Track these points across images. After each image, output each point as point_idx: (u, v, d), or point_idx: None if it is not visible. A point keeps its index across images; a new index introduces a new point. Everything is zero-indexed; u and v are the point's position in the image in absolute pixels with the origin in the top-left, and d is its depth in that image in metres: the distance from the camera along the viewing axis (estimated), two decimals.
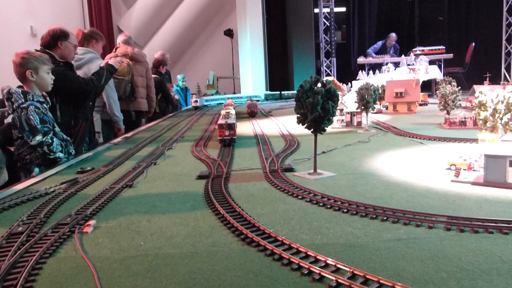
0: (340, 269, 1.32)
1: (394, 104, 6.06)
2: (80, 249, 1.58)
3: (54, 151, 3.39)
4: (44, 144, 3.32)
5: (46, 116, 3.42)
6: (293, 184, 2.38)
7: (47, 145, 3.33)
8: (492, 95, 2.62)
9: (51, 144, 3.36)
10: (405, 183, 2.35)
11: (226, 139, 3.75)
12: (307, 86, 2.40)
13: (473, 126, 4.08)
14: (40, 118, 3.33)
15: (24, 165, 3.37)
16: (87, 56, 5.07)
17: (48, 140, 3.34)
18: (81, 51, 4.96)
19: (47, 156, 3.37)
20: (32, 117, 3.29)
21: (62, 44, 4.28)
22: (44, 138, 3.32)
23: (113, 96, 5.38)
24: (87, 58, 5.06)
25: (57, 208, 2.14)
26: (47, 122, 3.39)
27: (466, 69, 13.05)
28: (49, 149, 3.35)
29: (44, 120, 3.37)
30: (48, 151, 3.35)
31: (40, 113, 3.36)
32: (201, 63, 15.22)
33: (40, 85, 3.55)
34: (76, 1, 14.10)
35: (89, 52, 5.13)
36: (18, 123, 3.28)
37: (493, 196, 2.03)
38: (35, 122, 3.29)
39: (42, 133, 3.32)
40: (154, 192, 2.40)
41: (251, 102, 6.82)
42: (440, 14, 14.91)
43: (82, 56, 5.02)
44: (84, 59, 5.03)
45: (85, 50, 5.09)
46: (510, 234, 1.57)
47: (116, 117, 5.45)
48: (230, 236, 1.67)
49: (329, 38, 14.07)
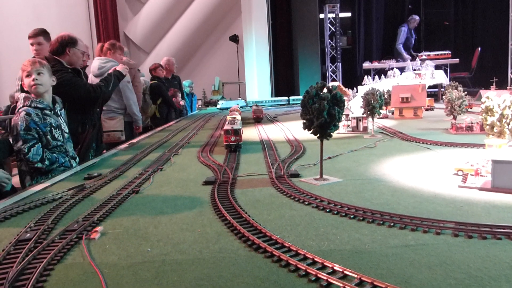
0: (348, 275, 1.32)
1: (400, 109, 6.04)
2: (87, 256, 1.59)
3: (31, 160, 3.33)
4: (21, 152, 3.31)
5: (38, 123, 3.39)
6: (299, 189, 2.38)
7: (23, 153, 3.31)
8: (499, 100, 2.60)
9: (27, 153, 3.31)
10: (412, 189, 2.34)
11: (232, 144, 3.76)
12: (313, 91, 2.41)
13: (480, 131, 4.06)
14: (26, 125, 3.31)
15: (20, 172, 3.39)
16: (109, 64, 5.60)
17: (24, 150, 3.30)
18: (103, 61, 5.68)
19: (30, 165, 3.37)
20: (20, 122, 3.30)
21: (70, 51, 4.33)
22: (23, 145, 3.29)
23: (132, 98, 5.96)
24: (109, 66, 5.52)
25: (65, 214, 2.16)
26: (32, 129, 3.35)
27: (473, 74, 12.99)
28: (25, 157, 3.33)
29: (29, 128, 3.33)
30: (24, 159, 3.34)
31: (29, 120, 3.33)
32: (207, 68, 15.30)
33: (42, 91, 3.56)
34: (83, 9, 14.28)
35: (110, 61, 5.73)
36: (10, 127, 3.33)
37: (501, 202, 2.02)
38: (20, 128, 3.29)
39: (22, 139, 3.30)
40: (160, 198, 2.41)
41: (256, 108, 6.84)
42: (446, 19, 14.89)
43: (104, 65, 5.64)
44: (105, 67, 5.56)
45: (106, 59, 5.74)
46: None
47: (136, 117, 6.08)
48: (237, 242, 1.67)
49: (335, 43, 14.09)
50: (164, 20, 14.61)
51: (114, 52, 5.92)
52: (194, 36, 14.79)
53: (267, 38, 12.41)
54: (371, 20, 15.58)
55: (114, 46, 5.97)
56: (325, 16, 14.00)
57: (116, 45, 6.05)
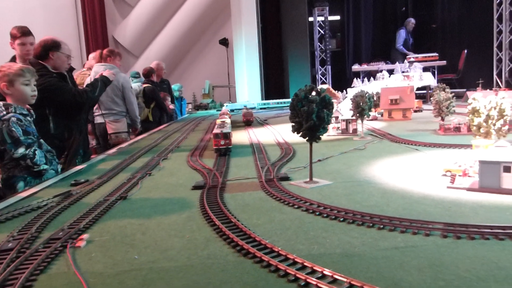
0: (337, 279, 1.31)
1: (389, 111, 6.08)
2: (72, 265, 1.55)
3: (38, 163, 3.31)
4: (27, 157, 3.25)
5: (29, 127, 3.35)
6: (289, 193, 2.36)
7: (29, 158, 3.26)
8: (485, 102, 2.63)
9: (34, 158, 3.27)
10: (401, 190, 2.34)
11: (222, 148, 3.74)
12: (301, 94, 2.40)
13: (467, 132, 4.09)
14: (23, 130, 3.26)
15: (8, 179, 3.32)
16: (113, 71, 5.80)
17: (30, 154, 3.25)
18: (108, 67, 5.91)
19: (31, 169, 3.31)
20: (15, 128, 3.22)
21: (54, 55, 4.25)
22: (27, 150, 3.24)
23: (135, 102, 6.35)
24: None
25: (50, 222, 2.11)
26: (30, 133, 3.32)
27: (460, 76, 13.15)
28: (32, 162, 3.28)
29: (28, 132, 3.29)
30: (31, 164, 3.28)
31: (23, 125, 3.29)
32: (197, 72, 15.25)
33: (18, 98, 3.43)
34: (71, 12, 14.15)
35: (113, 67, 5.97)
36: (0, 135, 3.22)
37: (488, 202, 2.03)
38: (18, 133, 3.22)
39: (25, 145, 3.24)
40: (149, 204, 2.38)
41: (246, 111, 6.82)
42: (433, 22, 15.07)
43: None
44: None
45: (110, 66, 5.99)
46: (506, 240, 1.56)
47: (137, 119, 6.50)
48: (225, 248, 1.65)
49: (324, 46, 14.18)
50: (154, 24, 14.55)
51: (114, 58, 6.19)
52: (184, 40, 14.75)
53: (256, 42, 12.42)
54: (360, 23, 15.71)
55: (113, 53, 6.28)
56: (314, 19, 14.08)
57: (114, 51, 6.37)
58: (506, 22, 11.73)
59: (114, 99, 6.10)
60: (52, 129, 4.11)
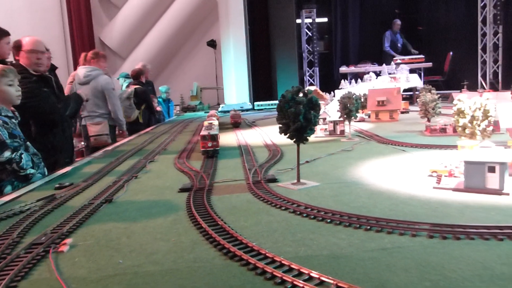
0: (324, 281, 1.30)
1: (376, 112, 6.12)
2: (54, 270, 1.52)
3: (24, 168, 3.22)
4: (13, 161, 3.16)
5: (15, 130, 3.28)
6: (276, 195, 2.35)
7: (15, 162, 3.17)
8: (470, 103, 2.66)
9: (20, 162, 3.19)
10: (388, 191, 2.35)
11: (209, 150, 3.71)
12: (288, 96, 2.40)
13: (453, 133, 4.14)
14: (9, 133, 3.19)
15: None
16: (94, 73, 6.11)
17: (16, 158, 3.17)
18: (88, 69, 6.10)
19: (17, 173, 3.23)
20: (0, 131, 3.15)
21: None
22: (13, 154, 3.16)
23: (117, 104, 6.28)
24: (94, 74, 6.09)
25: (32, 226, 2.06)
26: (17, 136, 3.24)
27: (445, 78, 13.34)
28: (18, 166, 3.19)
29: (14, 135, 3.22)
30: (17, 168, 3.20)
31: (9, 128, 3.22)
32: (185, 74, 15.18)
33: (2, 99, 3.35)
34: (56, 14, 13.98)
35: (95, 69, 6.15)
36: None
37: (473, 202, 2.05)
38: (4, 136, 3.14)
39: (11, 148, 3.16)
40: (134, 207, 2.35)
41: (234, 113, 6.81)
42: (419, 24, 15.26)
43: (90, 73, 6.10)
44: (92, 75, 6.08)
45: (92, 68, 6.14)
46: (491, 239, 1.57)
47: (120, 121, 6.40)
48: (212, 251, 1.63)
49: (312, 48, 14.25)
50: (141, 25, 14.44)
51: (98, 60, 6.26)
52: (171, 41, 14.67)
53: (244, 43, 12.41)
54: (347, 25, 15.82)
55: (97, 55, 6.33)
56: (302, 21, 14.15)
57: (99, 53, 6.41)
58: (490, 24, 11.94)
59: (95, 101, 6.08)
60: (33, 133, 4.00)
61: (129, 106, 7.32)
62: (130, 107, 7.36)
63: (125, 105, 7.25)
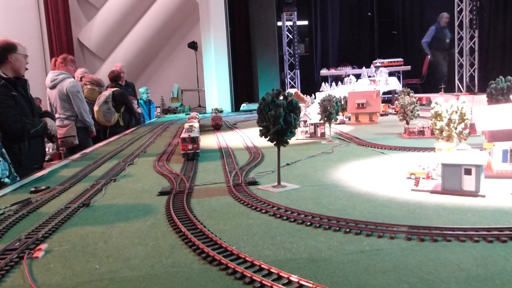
0: (303, 285, 1.30)
1: (356, 115, 6.20)
2: (28, 277, 1.47)
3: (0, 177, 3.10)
4: None
5: None
6: (257, 198, 2.35)
7: None
8: (447, 106, 2.71)
9: None
10: (367, 194, 2.37)
11: (190, 153, 3.68)
12: (269, 98, 2.39)
13: (431, 135, 4.22)
14: None
15: None
16: (60, 77, 6.16)
17: None
18: (55, 73, 6.18)
19: None
20: None
21: (12, 57, 4.00)
22: None
23: (83, 106, 6.27)
24: (60, 78, 6.14)
25: (6, 232, 2.00)
26: None
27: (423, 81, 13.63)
28: None
29: None
30: None
31: None
32: (165, 75, 15.06)
33: None
34: (33, 13, 13.67)
35: (62, 73, 6.19)
36: None
37: (450, 204, 2.09)
38: None
39: None
40: (112, 211, 2.30)
41: (215, 115, 6.78)
42: (394, 28, 15.56)
43: (56, 77, 6.16)
44: (57, 80, 6.14)
45: (58, 72, 6.19)
46: (467, 241, 1.60)
47: (87, 122, 6.37)
48: (191, 255, 1.61)
49: (293, 50, 14.34)
50: (120, 26, 14.25)
51: (65, 64, 6.30)
52: (151, 43, 14.53)
53: (225, 45, 12.40)
54: (327, 28, 16.00)
55: (65, 60, 6.36)
56: (283, 24, 14.24)
57: (67, 58, 6.42)
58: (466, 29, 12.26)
59: (62, 104, 6.13)
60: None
61: (107, 110, 7.19)
62: (108, 111, 7.23)
63: (103, 109, 7.12)
